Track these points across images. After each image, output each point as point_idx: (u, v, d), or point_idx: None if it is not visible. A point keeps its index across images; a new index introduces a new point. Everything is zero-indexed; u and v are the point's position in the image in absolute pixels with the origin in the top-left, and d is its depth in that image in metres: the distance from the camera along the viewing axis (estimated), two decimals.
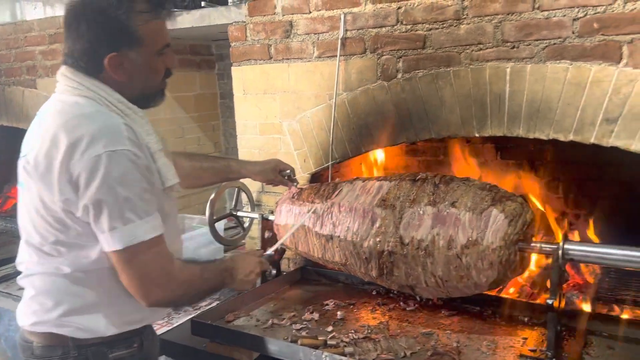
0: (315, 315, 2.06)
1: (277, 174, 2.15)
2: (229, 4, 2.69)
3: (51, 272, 1.39)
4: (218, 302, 2.36)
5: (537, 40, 1.91)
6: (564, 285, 2.16)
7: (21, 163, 1.40)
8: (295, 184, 2.19)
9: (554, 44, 1.88)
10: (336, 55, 2.30)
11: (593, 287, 2.11)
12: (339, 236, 2.01)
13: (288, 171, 2.17)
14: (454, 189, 1.84)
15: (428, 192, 1.87)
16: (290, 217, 2.19)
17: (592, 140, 1.86)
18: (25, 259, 1.46)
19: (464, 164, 2.67)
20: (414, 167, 2.87)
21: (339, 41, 2.28)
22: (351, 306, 2.15)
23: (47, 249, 1.38)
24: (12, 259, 1.62)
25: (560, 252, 1.69)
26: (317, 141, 2.44)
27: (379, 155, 2.77)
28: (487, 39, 1.99)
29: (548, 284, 2.19)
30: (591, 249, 1.70)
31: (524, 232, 1.75)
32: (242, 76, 2.60)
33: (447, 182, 1.88)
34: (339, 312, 2.07)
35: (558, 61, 1.88)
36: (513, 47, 1.95)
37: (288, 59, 2.45)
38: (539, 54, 1.91)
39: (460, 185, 1.85)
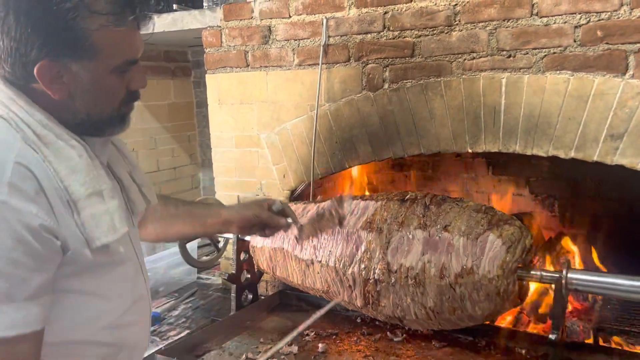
0: (294, 348, 1.88)
1: (266, 210, 1.52)
2: (204, 7, 2.51)
3: None
4: (188, 331, 2.17)
5: (535, 49, 1.76)
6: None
7: None
8: (294, 222, 1.55)
9: (554, 53, 1.73)
10: (318, 63, 2.13)
11: (595, 315, 1.96)
12: (320, 261, 1.83)
13: (278, 205, 1.54)
14: (447, 210, 1.68)
15: (418, 214, 1.70)
16: (267, 238, 2.00)
17: (595, 158, 1.72)
18: None
19: (452, 180, 2.52)
20: (400, 182, 2.71)
21: (321, 48, 2.11)
22: (334, 336, 1.97)
23: None
24: None
25: (563, 281, 1.54)
26: (298, 155, 2.26)
27: (362, 169, 2.61)
28: (481, 47, 1.83)
29: (544, 308, 2.05)
30: (597, 278, 1.55)
31: (524, 259, 1.59)
32: (217, 85, 2.42)
33: (438, 203, 1.71)
34: (320, 345, 1.88)
35: (558, 72, 1.73)
36: (509, 56, 1.80)
37: (266, 66, 2.28)
38: (538, 63, 1.76)
39: (453, 207, 1.68)
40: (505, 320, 2.02)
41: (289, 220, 1.54)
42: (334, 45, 2.10)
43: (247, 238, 2.13)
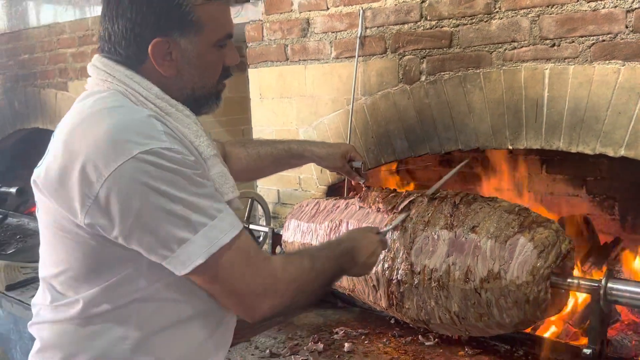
0: (320, 346, 1.84)
1: (345, 162, 1.74)
2: (249, 1, 2.51)
3: (63, 320, 1.11)
4: None
5: (582, 36, 1.61)
6: (616, 326, 1.85)
7: (33, 176, 1.11)
8: (362, 180, 1.79)
9: (603, 40, 1.58)
10: (354, 56, 2.07)
11: None
12: None
13: (359, 163, 1.75)
14: (476, 210, 1.58)
15: (445, 213, 1.61)
16: (298, 233, 1.98)
17: None
18: (39, 299, 1.18)
19: (503, 178, 2.37)
20: (448, 180, 2.58)
21: (357, 40, 2.05)
22: (363, 337, 1.92)
23: (61, 286, 1.11)
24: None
25: (601, 291, 1.40)
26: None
27: (408, 165, 2.52)
28: (523, 35, 1.71)
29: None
30: None
31: (559, 265, 1.46)
32: (259, 79, 2.42)
33: (468, 203, 1.61)
34: (346, 344, 1.84)
35: (607, 61, 1.58)
36: (553, 45, 1.66)
37: (305, 60, 2.25)
38: (585, 52, 1.61)
39: (483, 207, 1.58)
40: (549, 331, 1.88)
41: (362, 181, 1.78)
42: (371, 36, 2.04)
43: (281, 232, 2.12)
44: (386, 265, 1.66)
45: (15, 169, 4.10)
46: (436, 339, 1.85)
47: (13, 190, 3.25)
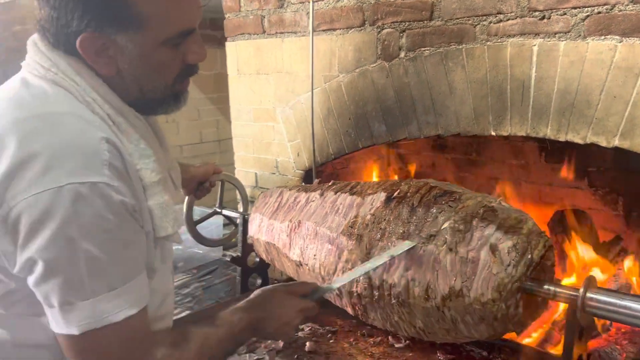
0: (279, 344, 1.71)
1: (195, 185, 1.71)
2: None
3: None
4: (188, 312, 2.07)
5: (575, 8, 1.39)
6: (611, 332, 1.67)
7: None
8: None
9: (599, 12, 1.36)
10: (333, 29, 1.88)
11: None
12: (307, 264, 1.62)
13: (206, 184, 1.72)
14: (435, 215, 1.35)
15: (403, 218, 1.40)
16: (263, 229, 1.82)
17: None
18: None
19: (498, 166, 2.17)
20: (441, 167, 2.40)
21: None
22: (329, 335, 1.78)
23: None
24: None
25: (579, 302, 1.22)
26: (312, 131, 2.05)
27: (398, 150, 2.34)
28: (509, 6, 1.50)
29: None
30: (627, 304, 1.20)
31: (530, 275, 1.27)
32: (236, 53, 2.26)
33: (428, 205, 1.38)
34: (308, 343, 1.70)
35: (603, 37, 1.36)
36: (543, 18, 1.45)
37: (282, 32, 2.07)
38: (577, 26, 1.40)
39: (443, 210, 1.35)
40: (531, 336, 1.70)
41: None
42: (348, 7, 1.84)
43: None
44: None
45: None
46: (407, 341, 1.70)
47: None
